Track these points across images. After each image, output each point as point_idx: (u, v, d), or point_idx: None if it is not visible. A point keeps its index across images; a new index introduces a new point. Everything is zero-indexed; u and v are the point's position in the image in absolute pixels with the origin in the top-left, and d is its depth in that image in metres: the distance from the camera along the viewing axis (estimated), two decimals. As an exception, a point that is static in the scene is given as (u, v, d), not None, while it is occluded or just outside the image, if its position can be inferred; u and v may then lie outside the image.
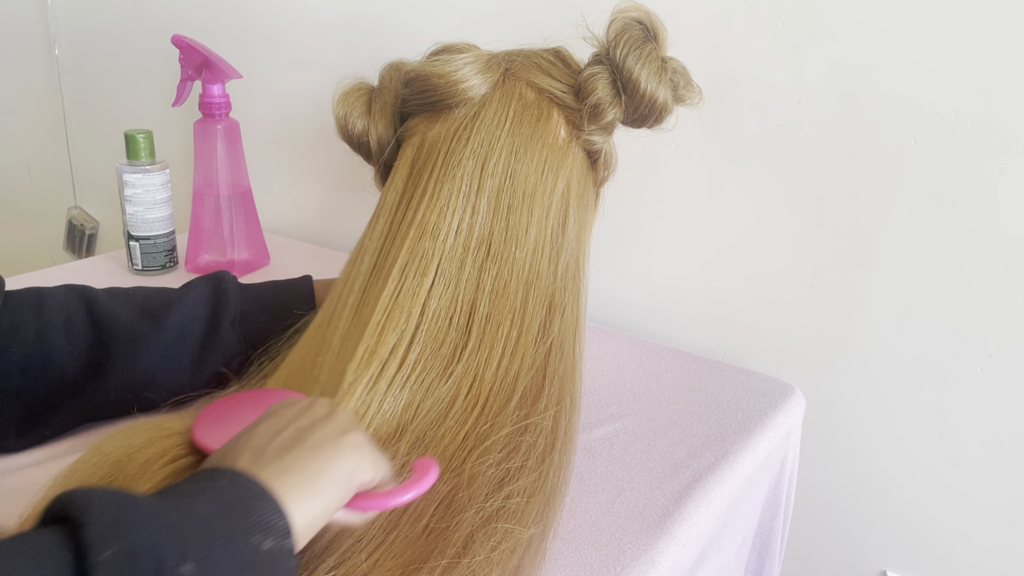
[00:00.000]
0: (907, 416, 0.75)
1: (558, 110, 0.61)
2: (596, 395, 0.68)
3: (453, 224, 0.56)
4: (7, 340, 0.54)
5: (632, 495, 0.55)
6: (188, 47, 0.88)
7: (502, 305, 0.56)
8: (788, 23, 0.71)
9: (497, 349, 0.55)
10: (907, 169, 0.69)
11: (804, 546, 0.84)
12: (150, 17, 1.22)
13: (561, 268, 0.60)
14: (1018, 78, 0.63)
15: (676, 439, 0.62)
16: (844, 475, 0.80)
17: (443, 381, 0.53)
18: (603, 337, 0.80)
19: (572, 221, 0.62)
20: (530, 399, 0.55)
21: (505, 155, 0.57)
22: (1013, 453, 0.70)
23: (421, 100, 0.61)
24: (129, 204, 0.89)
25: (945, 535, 0.76)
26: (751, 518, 0.68)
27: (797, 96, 0.73)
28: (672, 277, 0.85)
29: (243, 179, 0.94)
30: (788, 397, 0.70)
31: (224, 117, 0.91)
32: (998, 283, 0.68)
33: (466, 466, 0.49)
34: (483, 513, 0.46)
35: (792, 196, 0.76)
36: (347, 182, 1.08)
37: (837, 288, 0.75)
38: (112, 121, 1.38)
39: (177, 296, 0.62)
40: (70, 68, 1.40)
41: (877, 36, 0.68)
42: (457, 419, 0.52)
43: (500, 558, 0.43)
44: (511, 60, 0.61)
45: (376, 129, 0.64)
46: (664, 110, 0.62)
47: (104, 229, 1.48)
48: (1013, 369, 0.69)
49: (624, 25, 0.59)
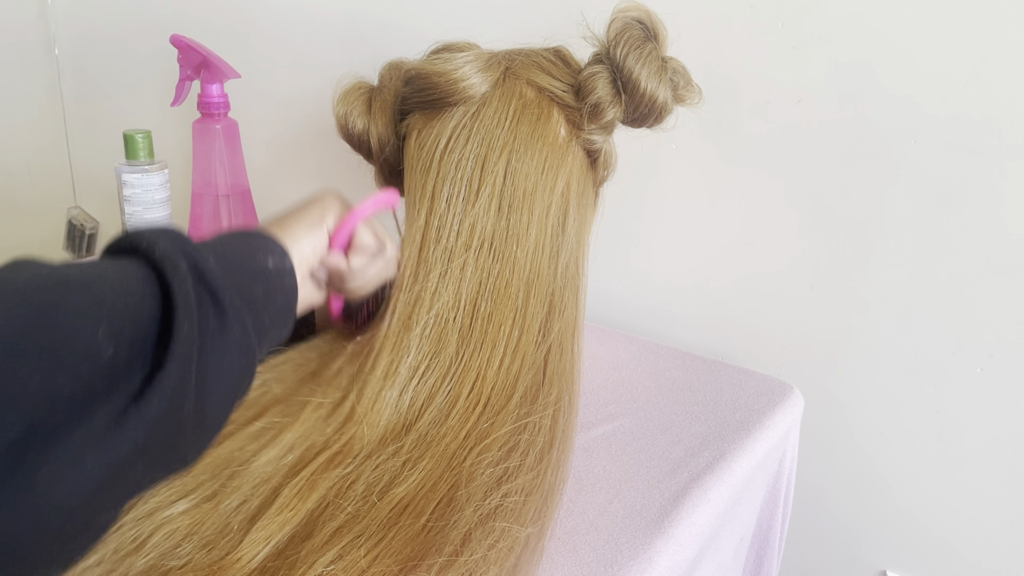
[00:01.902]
0: (907, 416, 0.75)
1: (558, 109, 0.61)
2: (594, 394, 0.68)
3: (455, 224, 0.56)
4: None
5: (630, 494, 0.54)
6: (187, 47, 0.88)
7: (504, 305, 0.56)
8: (788, 23, 0.71)
9: (499, 349, 0.55)
10: (907, 169, 0.69)
11: (803, 546, 0.84)
12: (150, 17, 1.22)
13: (561, 267, 0.60)
14: (1018, 78, 0.63)
15: (674, 438, 0.62)
16: (844, 474, 0.80)
17: (446, 381, 0.54)
18: (601, 336, 0.80)
19: (572, 220, 0.62)
20: (530, 398, 0.55)
21: (505, 154, 0.57)
22: (1013, 453, 0.70)
23: (421, 98, 0.61)
24: (128, 204, 0.89)
25: (945, 535, 0.75)
26: (749, 517, 0.68)
27: (797, 96, 0.73)
28: (671, 276, 0.85)
29: (242, 179, 0.94)
30: (787, 397, 0.70)
31: (223, 117, 0.91)
32: (998, 283, 0.67)
33: (466, 464, 0.49)
34: (481, 511, 0.46)
35: (792, 196, 0.75)
36: (347, 182, 1.08)
37: (837, 288, 0.75)
38: (112, 121, 1.38)
39: None
40: (70, 68, 1.40)
41: (877, 36, 0.68)
42: (459, 418, 0.52)
43: (497, 556, 0.43)
44: (511, 59, 0.61)
45: (376, 128, 0.64)
46: (664, 110, 0.62)
47: (104, 229, 1.48)
48: (1013, 369, 0.69)
49: (624, 25, 0.59)
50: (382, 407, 0.52)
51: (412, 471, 0.48)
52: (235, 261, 0.41)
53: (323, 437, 0.50)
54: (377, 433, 0.51)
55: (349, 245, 0.54)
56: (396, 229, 0.63)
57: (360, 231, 0.54)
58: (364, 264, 0.54)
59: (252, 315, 0.39)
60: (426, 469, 0.49)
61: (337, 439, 0.50)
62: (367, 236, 0.54)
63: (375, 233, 0.55)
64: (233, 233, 0.44)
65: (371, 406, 0.52)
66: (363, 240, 0.54)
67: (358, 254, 0.54)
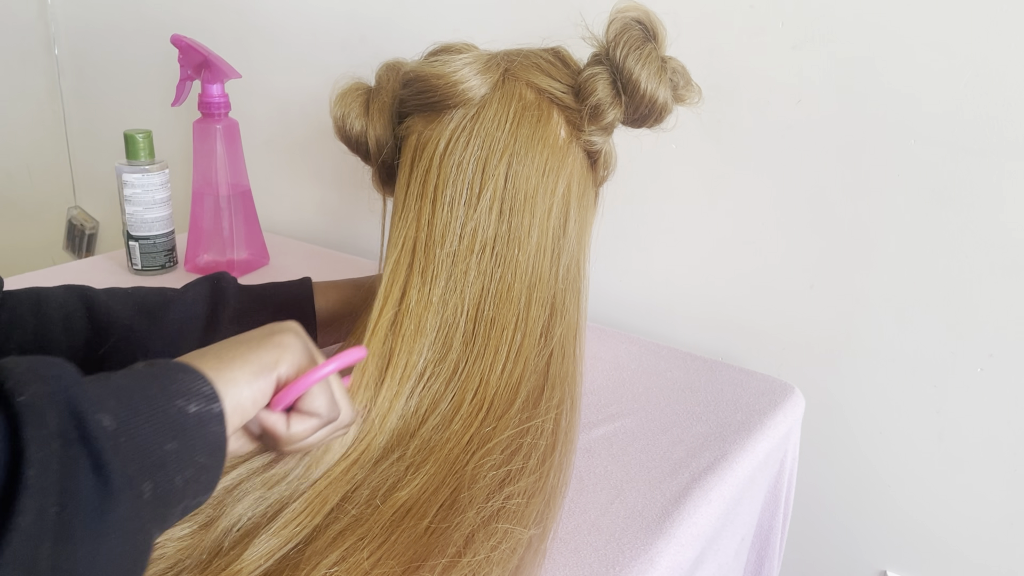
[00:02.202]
0: (907, 416, 0.75)
1: (558, 111, 0.61)
2: (595, 395, 0.68)
3: (456, 228, 0.56)
4: (5, 337, 0.54)
5: (631, 495, 0.55)
6: (187, 47, 0.88)
7: (506, 308, 0.56)
8: (788, 23, 0.71)
9: (501, 353, 0.55)
10: (907, 169, 0.69)
11: (804, 546, 0.84)
12: (150, 17, 1.22)
13: (563, 269, 0.60)
14: (1018, 78, 0.63)
15: (675, 439, 0.62)
16: (844, 475, 0.80)
17: (450, 386, 0.54)
18: (602, 336, 0.80)
19: (573, 222, 0.61)
20: (532, 402, 0.55)
21: (506, 157, 0.57)
22: (1013, 453, 0.70)
23: (420, 101, 0.60)
24: (128, 204, 0.89)
25: (945, 535, 0.76)
26: (750, 518, 0.68)
27: (797, 96, 0.73)
28: (672, 276, 0.85)
29: (242, 179, 0.94)
30: (788, 397, 0.70)
31: (223, 117, 0.91)
32: (998, 283, 0.68)
33: (468, 467, 0.49)
34: (484, 513, 0.46)
35: (792, 195, 0.76)
36: (347, 182, 1.08)
37: (837, 287, 0.75)
38: (112, 121, 1.38)
39: (176, 295, 0.62)
40: (70, 68, 1.40)
41: (877, 36, 0.68)
42: (462, 423, 0.52)
43: (500, 558, 0.43)
44: (510, 60, 0.61)
45: (374, 129, 0.64)
46: (664, 110, 0.62)
47: (104, 229, 1.48)
48: (1013, 369, 0.69)
49: (624, 25, 0.59)
50: (394, 414, 0.52)
51: (415, 475, 0.49)
52: (142, 409, 0.32)
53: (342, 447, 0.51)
54: (383, 439, 0.51)
55: (295, 404, 0.44)
56: (395, 231, 0.63)
57: (314, 393, 0.44)
58: (306, 432, 0.44)
59: (157, 480, 0.32)
60: (429, 473, 0.49)
61: (355, 448, 0.50)
62: (321, 400, 0.44)
63: (331, 397, 0.45)
64: (150, 368, 0.35)
65: (386, 412, 0.52)
66: (314, 404, 0.44)
67: (303, 419, 0.44)
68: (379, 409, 0.52)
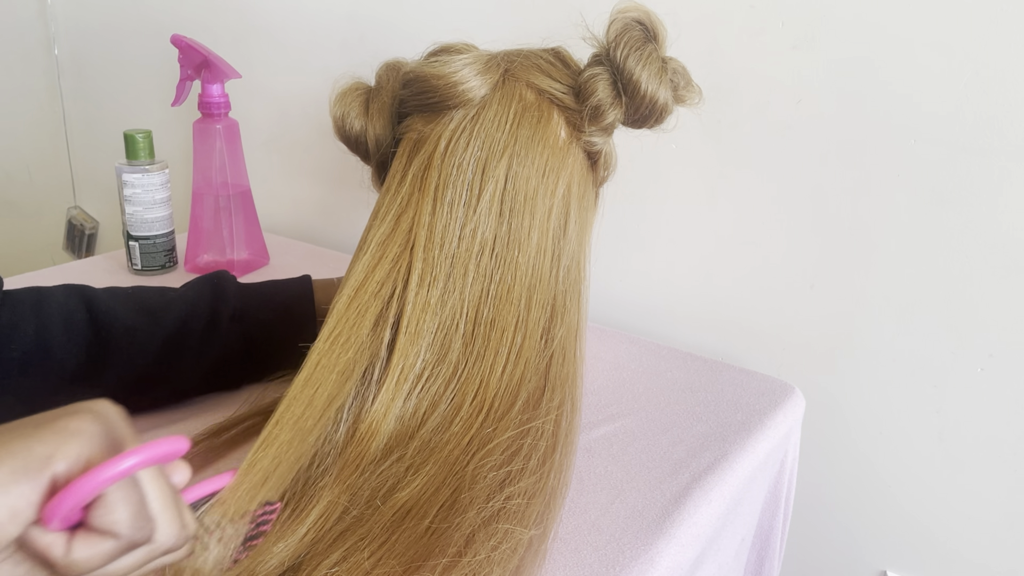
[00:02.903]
0: (907, 416, 0.75)
1: (558, 111, 0.61)
2: (595, 395, 0.68)
3: (456, 230, 0.56)
4: (6, 337, 0.54)
5: (631, 495, 0.55)
6: (187, 47, 0.88)
7: (506, 310, 0.56)
8: (788, 23, 0.71)
9: (502, 355, 0.55)
10: (907, 169, 0.69)
11: (804, 546, 0.84)
12: (150, 17, 1.22)
13: (563, 271, 0.60)
14: (1018, 78, 0.63)
15: (675, 439, 0.62)
16: (844, 475, 0.80)
17: (449, 388, 0.54)
18: (603, 337, 0.80)
19: (573, 223, 0.61)
20: (533, 403, 0.55)
21: (506, 158, 0.57)
22: (1013, 453, 0.70)
23: (420, 101, 0.60)
24: (128, 204, 0.89)
25: (945, 535, 0.76)
26: (750, 518, 0.68)
27: (797, 96, 0.73)
28: (672, 276, 0.85)
29: (242, 179, 0.94)
30: (788, 397, 0.70)
31: (223, 117, 0.91)
32: (998, 283, 0.68)
33: (469, 468, 0.49)
34: (484, 514, 0.46)
35: (792, 196, 0.76)
36: (347, 182, 1.08)
37: (838, 288, 0.75)
38: (112, 121, 1.38)
39: (176, 294, 0.62)
40: (70, 68, 1.40)
41: (877, 36, 0.68)
42: (463, 424, 0.52)
43: (501, 558, 0.43)
44: (510, 61, 0.61)
45: (374, 129, 0.64)
46: (664, 111, 0.62)
47: (104, 229, 1.48)
48: (1013, 369, 0.69)
49: (624, 26, 0.59)
50: (392, 416, 0.52)
51: (415, 476, 0.49)
52: None
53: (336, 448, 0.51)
54: (381, 442, 0.51)
55: (83, 517, 0.30)
56: (392, 231, 0.62)
57: (111, 500, 0.30)
58: (96, 558, 0.30)
59: None
60: (429, 474, 0.49)
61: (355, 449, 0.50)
62: (121, 512, 0.30)
63: (139, 506, 0.31)
64: None
65: (383, 415, 0.52)
66: (109, 517, 0.30)
67: (91, 541, 0.30)
68: (379, 409, 0.52)
